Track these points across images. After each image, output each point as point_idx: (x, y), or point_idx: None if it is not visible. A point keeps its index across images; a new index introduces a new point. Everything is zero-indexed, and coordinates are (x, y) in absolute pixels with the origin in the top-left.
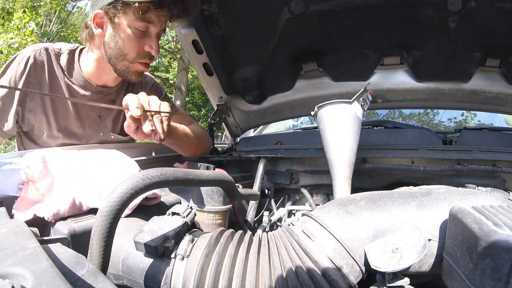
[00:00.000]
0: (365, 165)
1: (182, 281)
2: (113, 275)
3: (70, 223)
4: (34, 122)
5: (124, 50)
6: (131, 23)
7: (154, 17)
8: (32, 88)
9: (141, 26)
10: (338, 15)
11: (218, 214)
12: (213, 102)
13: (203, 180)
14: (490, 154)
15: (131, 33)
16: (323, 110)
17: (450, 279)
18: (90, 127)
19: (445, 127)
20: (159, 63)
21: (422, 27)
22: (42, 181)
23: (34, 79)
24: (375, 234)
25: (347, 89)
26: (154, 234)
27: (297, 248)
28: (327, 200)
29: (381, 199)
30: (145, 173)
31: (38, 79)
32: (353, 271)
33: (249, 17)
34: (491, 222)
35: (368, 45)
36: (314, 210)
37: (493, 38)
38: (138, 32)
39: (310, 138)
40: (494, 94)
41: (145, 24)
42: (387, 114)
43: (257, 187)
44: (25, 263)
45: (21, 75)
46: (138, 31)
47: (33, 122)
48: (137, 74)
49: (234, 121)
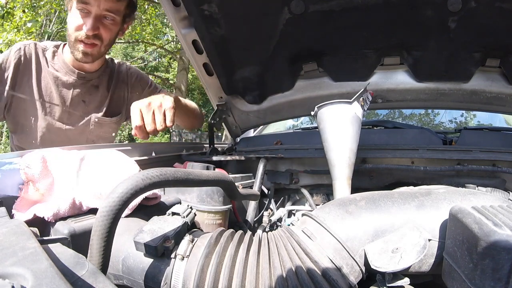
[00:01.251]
0: (365, 165)
1: (182, 281)
2: (113, 275)
3: (70, 223)
4: (22, 107)
5: (69, 30)
6: (74, 5)
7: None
8: (21, 75)
9: (80, 7)
10: (338, 15)
11: (218, 214)
12: (213, 102)
13: (203, 180)
14: (490, 154)
15: (75, 14)
16: (323, 110)
17: (450, 279)
18: (75, 112)
19: (445, 128)
20: (159, 63)
21: (422, 27)
22: (42, 181)
23: (23, 67)
24: (375, 234)
25: (347, 89)
26: (154, 234)
27: (297, 248)
28: (327, 200)
29: (381, 199)
30: (145, 173)
31: (26, 67)
32: (353, 271)
33: (249, 17)
34: (491, 222)
35: (368, 45)
36: (314, 210)
37: (493, 38)
38: (80, 13)
39: (310, 138)
40: (494, 94)
41: (82, 5)
42: (387, 114)
43: (257, 187)
44: (25, 263)
45: (12, 61)
46: (80, 12)
47: (22, 107)
48: (82, 53)
49: (234, 121)
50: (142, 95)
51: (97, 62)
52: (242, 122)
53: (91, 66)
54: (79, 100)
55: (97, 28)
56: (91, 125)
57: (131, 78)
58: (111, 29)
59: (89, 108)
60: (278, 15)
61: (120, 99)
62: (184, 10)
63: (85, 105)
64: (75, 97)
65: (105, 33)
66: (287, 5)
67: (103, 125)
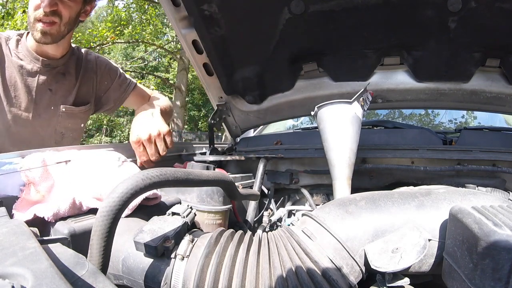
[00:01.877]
0: (365, 165)
1: (182, 281)
2: (113, 275)
3: (70, 223)
4: None
5: (29, 12)
6: None
7: None
8: None
9: None
10: (338, 15)
11: (218, 214)
12: (213, 102)
13: (203, 180)
14: (490, 154)
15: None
16: (323, 110)
17: (450, 279)
18: (41, 101)
19: (445, 128)
20: (159, 63)
21: (422, 27)
22: (43, 183)
23: None
24: (375, 234)
25: (347, 89)
26: (154, 234)
27: (297, 248)
28: (327, 200)
29: (381, 199)
30: (145, 173)
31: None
32: (353, 271)
33: (249, 17)
34: (491, 222)
35: (368, 45)
36: (314, 210)
37: (493, 38)
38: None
39: (310, 138)
40: (494, 94)
41: None
42: (387, 114)
43: (257, 187)
44: (25, 263)
45: None
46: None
47: None
48: (41, 33)
49: (234, 121)
50: (112, 86)
51: (61, 47)
52: (242, 122)
53: (55, 51)
54: (45, 89)
55: (55, 5)
56: (58, 115)
57: (100, 67)
58: (71, 6)
59: (56, 97)
60: (278, 15)
61: (88, 88)
62: (184, 10)
63: (51, 93)
64: (41, 85)
65: (64, 10)
66: (287, 5)
67: (71, 115)
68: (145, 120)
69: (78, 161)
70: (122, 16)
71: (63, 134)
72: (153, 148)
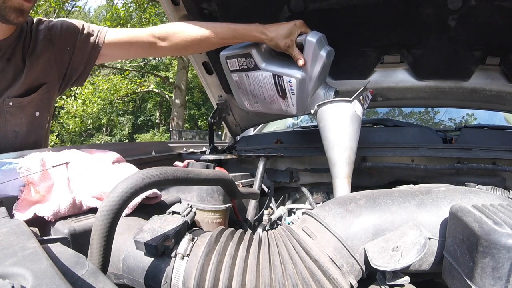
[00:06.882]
0: (365, 163)
1: (183, 280)
2: (114, 274)
3: (70, 223)
4: None
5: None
6: None
7: None
8: None
9: None
10: (338, 14)
11: (218, 213)
12: (213, 101)
13: (203, 179)
14: (490, 152)
15: None
16: (323, 108)
17: (450, 277)
18: None
19: (445, 126)
20: (159, 61)
21: (422, 26)
22: (42, 183)
23: None
24: (375, 232)
25: (347, 88)
26: (154, 233)
27: (297, 247)
28: (327, 199)
29: (381, 198)
30: (145, 172)
31: None
32: (353, 269)
33: (249, 15)
34: (491, 221)
35: (368, 44)
36: (314, 209)
37: (493, 37)
38: None
39: (310, 137)
40: (494, 93)
41: None
42: (387, 113)
43: (257, 185)
44: (25, 263)
45: None
46: None
47: None
48: (16, 12)
49: (234, 120)
50: (76, 49)
51: (6, 25)
52: (242, 120)
53: (3, 32)
54: None
55: None
56: (5, 112)
57: (55, 33)
58: None
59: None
60: (278, 13)
61: (43, 66)
62: (184, 9)
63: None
64: None
65: None
66: (287, 3)
67: (21, 108)
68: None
69: (77, 161)
70: (121, 15)
71: (16, 132)
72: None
